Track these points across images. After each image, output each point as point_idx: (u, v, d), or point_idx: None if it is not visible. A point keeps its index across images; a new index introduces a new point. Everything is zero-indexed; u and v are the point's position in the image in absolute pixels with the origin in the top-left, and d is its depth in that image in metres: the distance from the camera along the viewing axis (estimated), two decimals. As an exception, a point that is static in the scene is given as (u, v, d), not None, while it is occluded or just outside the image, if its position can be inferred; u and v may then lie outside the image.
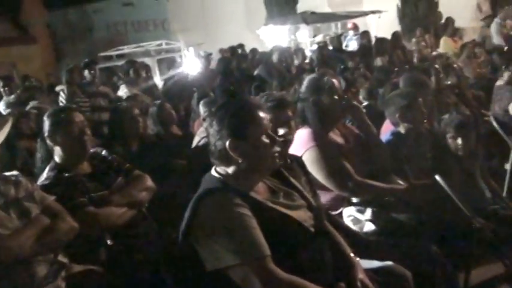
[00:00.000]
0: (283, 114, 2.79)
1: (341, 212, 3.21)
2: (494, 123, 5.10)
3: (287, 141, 2.77)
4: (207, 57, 10.39)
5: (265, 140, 2.16)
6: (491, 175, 4.47)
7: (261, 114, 2.18)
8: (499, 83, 5.25)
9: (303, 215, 2.27)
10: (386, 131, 4.00)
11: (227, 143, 2.11)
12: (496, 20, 11.96)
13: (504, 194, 4.94)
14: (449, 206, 3.10)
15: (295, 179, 2.59)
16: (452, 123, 3.59)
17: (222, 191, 2.12)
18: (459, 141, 3.53)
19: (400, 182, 3.39)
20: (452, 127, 3.57)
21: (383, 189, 3.21)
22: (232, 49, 12.88)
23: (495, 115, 5.16)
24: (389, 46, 10.80)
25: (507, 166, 5.13)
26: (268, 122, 2.19)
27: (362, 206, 3.14)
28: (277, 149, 2.20)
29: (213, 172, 2.23)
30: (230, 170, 2.17)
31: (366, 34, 12.16)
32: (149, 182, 3.25)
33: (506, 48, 5.75)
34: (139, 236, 3.12)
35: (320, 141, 3.18)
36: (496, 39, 11.50)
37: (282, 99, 2.90)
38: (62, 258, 2.64)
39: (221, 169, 2.20)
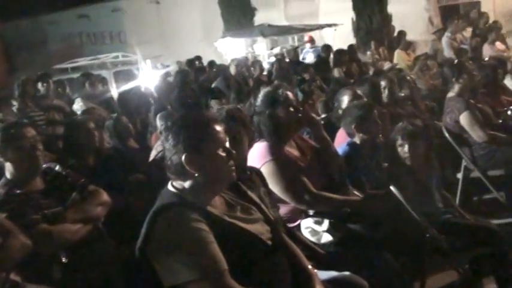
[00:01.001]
0: (234, 127, 2.78)
1: (299, 224, 3.23)
2: (446, 134, 5.22)
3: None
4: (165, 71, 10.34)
5: (222, 153, 2.16)
6: (444, 185, 4.60)
7: (217, 127, 2.18)
8: (450, 94, 5.38)
9: (260, 229, 2.27)
10: (340, 141, 4.06)
11: (183, 158, 2.10)
12: (447, 33, 12.35)
13: (457, 203, 5.09)
14: (404, 216, 3.17)
15: (254, 191, 2.61)
16: (400, 131, 3.66)
17: (178, 206, 2.11)
18: (406, 148, 3.60)
19: (357, 193, 3.45)
20: (400, 135, 3.64)
21: (339, 200, 3.25)
22: (190, 61, 12.86)
23: (447, 126, 5.28)
24: (347, 58, 11.01)
25: (459, 176, 5.29)
26: (224, 135, 2.19)
27: (319, 217, 3.16)
28: (234, 162, 2.20)
29: (169, 187, 2.21)
30: (187, 184, 2.16)
31: (327, 47, 12.33)
32: (105, 197, 3.19)
33: (456, 61, 5.91)
34: (95, 252, 3.06)
35: (276, 154, 3.19)
36: (447, 52, 11.86)
37: (232, 113, 2.89)
38: (14, 277, 2.56)
39: (177, 184, 2.19)
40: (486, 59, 9.30)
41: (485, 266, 3.44)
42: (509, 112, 5.63)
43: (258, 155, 3.19)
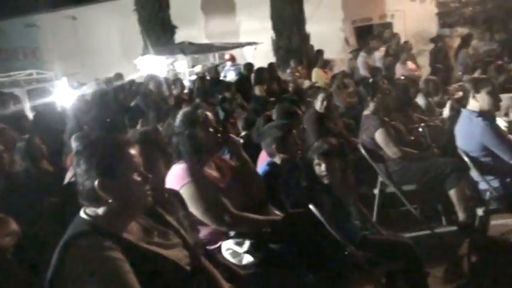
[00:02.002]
0: (149, 150, 2.70)
1: (220, 246, 3.19)
2: (363, 151, 5.38)
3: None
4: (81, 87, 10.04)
5: (137, 178, 2.09)
6: (361, 201, 4.72)
7: (131, 151, 2.11)
8: (366, 112, 5.56)
9: (178, 254, 2.21)
10: (262, 161, 4.08)
11: (96, 183, 2.02)
12: (362, 53, 12.84)
13: (374, 217, 5.25)
14: (323, 234, 3.21)
15: (172, 215, 2.54)
16: (316, 150, 3.71)
17: (91, 234, 2.01)
18: (323, 167, 3.67)
19: (277, 213, 3.46)
20: (316, 154, 3.69)
21: (260, 221, 3.24)
22: (109, 79, 12.56)
23: (363, 143, 5.45)
24: (267, 76, 11.15)
25: (376, 191, 5.45)
26: (139, 159, 2.13)
27: (240, 238, 3.14)
28: (150, 186, 2.14)
29: (81, 214, 2.11)
30: (100, 211, 2.07)
31: (249, 66, 12.44)
32: (13, 226, 3.01)
33: (371, 80, 6.14)
34: (3, 284, 2.87)
35: (195, 176, 3.15)
36: (363, 71, 12.32)
37: (146, 135, 2.82)
38: None
39: (90, 210, 2.09)
40: (400, 77, 9.75)
41: (400, 279, 3.54)
42: (420, 129, 5.91)
43: (176, 177, 3.14)
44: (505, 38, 13.30)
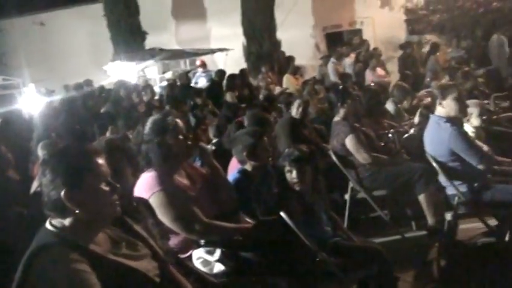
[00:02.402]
0: (117, 159, 2.66)
1: (190, 255, 3.16)
2: (333, 157, 5.41)
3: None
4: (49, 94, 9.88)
5: (104, 187, 2.05)
6: (332, 207, 4.74)
7: (98, 160, 2.07)
8: (336, 119, 5.59)
9: (147, 265, 2.17)
10: (233, 168, 4.06)
11: (62, 193, 1.97)
12: (332, 59, 12.95)
13: (345, 223, 5.27)
14: (295, 241, 3.21)
15: (141, 224, 2.50)
16: (287, 157, 3.71)
17: (57, 246, 1.96)
18: (294, 174, 3.66)
19: (248, 220, 3.44)
20: (287, 161, 3.69)
21: (231, 229, 3.22)
22: (78, 86, 12.39)
23: (334, 149, 5.48)
24: (239, 82, 11.14)
25: (347, 197, 5.48)
26: (106, 168, 2.09)
27: (211, 247, 3.11)
28: (117, 196, 2.10)
29: (47, 225, 2.05)
30: (67, 222, 2.02)
31: (220, 72, 12.42)
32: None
33: (341, 86, 6.19)
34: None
35: (165, 184, 3.11)
36: (333, 77, 12.42)
37: (114, 143, 2.78)
38: None
39: (56, 221, 2.04)
40: (370, 84, 9.87)
41: (371, 285, 3.56)
42: (390, 135, 5.97)
43: (146, 185, 3.10)
44: (472, 45, 13.57)
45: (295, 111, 6.41)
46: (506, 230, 4.40)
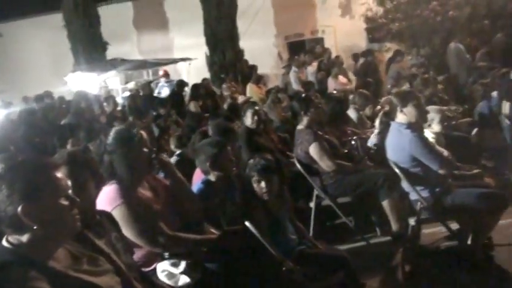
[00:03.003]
0: (77, 171, 2.59)
1: (155, 268, 3.11)
2: (298, 165, 5.43)
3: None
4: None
5: (63, 202, 1.99)
6: (297, 215, 4.74)
7: (57, 174, 2.01)
8: (300, 127, 5.62)
9: (109, 281, 2.12)
10: (198, 179, 4.03)
11: (19, 209, 1.90)
12: (293, 68, 13.05)
13: (311, 231, 5.29)
14: (260, 250, 3.19)
15: (103, 238, 2.44)
16: (255, 168, 3.70)
17: (14, 264, 1.89)
18: (263, 184, 3.66)
19: (213, 231, 3.42)
20: (255, 171, 3.68)
21: (195, 240, 3.19)
22: (38, 97, 12.12)
23: (298, 157, 5.50)
24: (203, 92, 11.11)
25: (312, 204, 5.50)
26: (65, 182, 2.03)
27: (176, 259, 3.07)
28: (78, 210, 2.04)
29: (3, 242, 1.98)
30: (24, 238, 1.95)
31: (180, 83, 12.35)
32: None
33: (304, 95, 6.23)
34: None
35: (128, 197, 3.06)
36: (295, 86, 12.50)
37: (74, 155, 2.71)
38: None
39: (13, 238, 1.96)
40: (332, 91, 9.96)
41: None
42: (353, 142, 6.03)
43: (108, 199, 3.03)
44: (430, 52, 13.87)
45: (249, 120, 6.38)
46: (468, 233, 4.48)
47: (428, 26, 14.41)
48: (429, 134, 5.34)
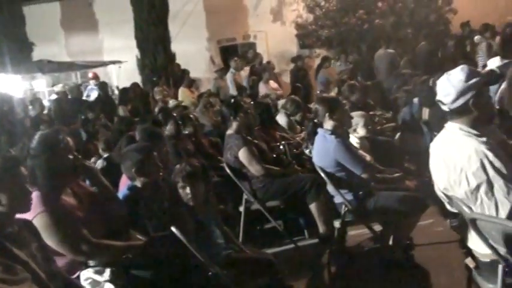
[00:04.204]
0: None
1: (78, 276, 3.04)
2: (227, 169, 5.46)
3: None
4: None
5: None
6: (227, 219, 4.77)
7: None
8: (229, 132, 5.65)
9: (27, 291, 2.07)
10: (124, 184, 3.97)
11: None
12: (231, 70, 13.09)
13: (240, 235, 5.34)
14: (187, 256, 3.19)
15: (23, 248, 2.37)
16: (180, 173, 3.70)
17: None
18: (188, 190, 3.66)
19: (140, 237, 3.38)
20: (180, 177, 3.68)
21: (121, 247, 3.15)
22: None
23: (227, 162, 5.53)
24: (132, 96, 10.94)
25: (241, 209, 5.55)
26: None
27: (100, 267, 3.01)
28: None
29: None
30: None
31: (103, 85, 12.10)
32: None
33: (232, 100, 6.27)
34: None
35: (50, 205, 2.98)
36: (231, 88, 12.53)
37: None
38: None
39: None
40: (264, 96, 10.07)
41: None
42: (281, 147, 6.13)
43: (29, 206, 2.93)
44: (358, 59, 14.29)
45: (169, 127, 6.32)
46: (389, 234, 4.66)
47: (356, 33, 14.87)
48: (354, 138, 5.51)
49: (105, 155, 5.90)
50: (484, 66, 8.73)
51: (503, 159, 2.63)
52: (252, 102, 7.30)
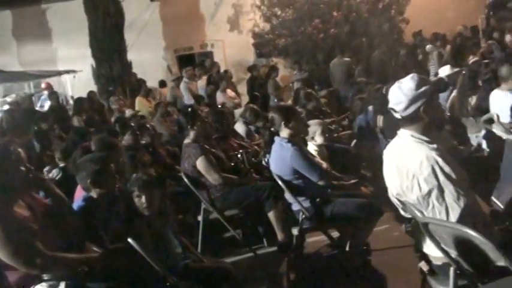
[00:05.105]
0: None
1: (32, 290, 2.97)
2: (185, 179, 5.43)
3: None
4: None
5: None
6: (185, 229, 4.74)
7: None
8: (186, 141, 5.62)
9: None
10: (79, 196, 3.90)
11: None
12: (184, 79, 13.05)
13: (199, 245, 5.31)
14: (144, 267, 3.16)
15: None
16: (136, 182, 3.66)
17: None
18: (143, 199, 3.63)
19: (96, 249, 3.32)
20: (136, 186, 3.65)
21: (76, 259, 3.08)
22: None
23: (185, 171, 5.50)
24: (87, 106, 10.76)
25: (200, 218, 5.52)
26: None
27: (55, 280, 2.95)
28: None
29: None
30: None
31: (53, 95, 11.85)
32: None
33: (190, 109, 6.23)
34: None
35: (1, 217, 2.90)
36: (186, 97, 12.49)
37: None
38: None
39: None
40: (221, 105, 10.09)
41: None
42: (239, 155, 6.14)
43: (-21, 219, 2.85)
44: (314, 67, 14.49)
45: (126, 137, 6.26)
46: (347, 240, 4.72)
47: (312, 42, 15.08)
48: (312, 146, 5.57)
49: (62, 165, 5.78)
50: (436, 74, 9.00)
51: (453, 165, 2.72)
52: (209, 111, 7.30)
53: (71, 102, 13.23)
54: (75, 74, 14.55)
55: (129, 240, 3.10)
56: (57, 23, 16.87)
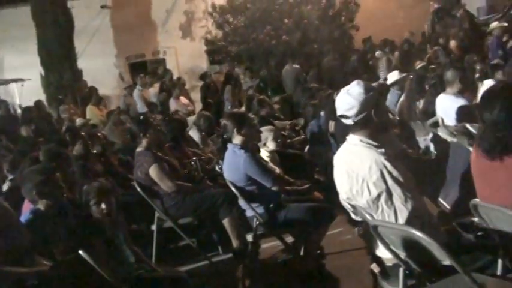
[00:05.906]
0: None
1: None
2: (138, 188, 5.35)
3: None
4: None
5: None
6: (139, 239, 4.67)
7: None
8: (139, 149, 5.54)
9: None
10: (27, 208, 3.80)
11: None
12: (138, 87, 12.92)
13: (153, 254, 5.25)
14: (96, 278, 3.10)
15: None
16: (92, 190, 3.61)
17: None
18: (103, 205, 3.56)
19: (45, 262, 3.24)
20: (93, 193, 3.59)
21: (24, 273, 3.01)
22: None
23: (138, 180, 5.41)
24: (35, 115, 10.50)
25: (153, 227, 5.45)
26: None
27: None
28: None
29: None
30: None
31: (1, 104, 11.52)
32: None
33: (142, 117, 6.16)
34: None
35: None
36: (140, 105, 12.36)
37: None
38: None
39: None
40: (174, 112, 10.02)
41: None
42: (193, 163, 6.11)
43: None
44: (267, 74, 14.57)
45: (77, 147, 6.14)
46: (301, 245, 4.76)
47: (264, 49, 15.19)
48: (265, 152, 5.60)
49: (11, 177, 5.61)
50: (385, 79, 9.20)
51: (400, 169, 2.79)
52: (162, 119, 7.24)
53: (19, 111, 12.86)
54: (23, 83, 14.17)
55: (80, 252, 3.04)
56: (4, 30, 16.36)
